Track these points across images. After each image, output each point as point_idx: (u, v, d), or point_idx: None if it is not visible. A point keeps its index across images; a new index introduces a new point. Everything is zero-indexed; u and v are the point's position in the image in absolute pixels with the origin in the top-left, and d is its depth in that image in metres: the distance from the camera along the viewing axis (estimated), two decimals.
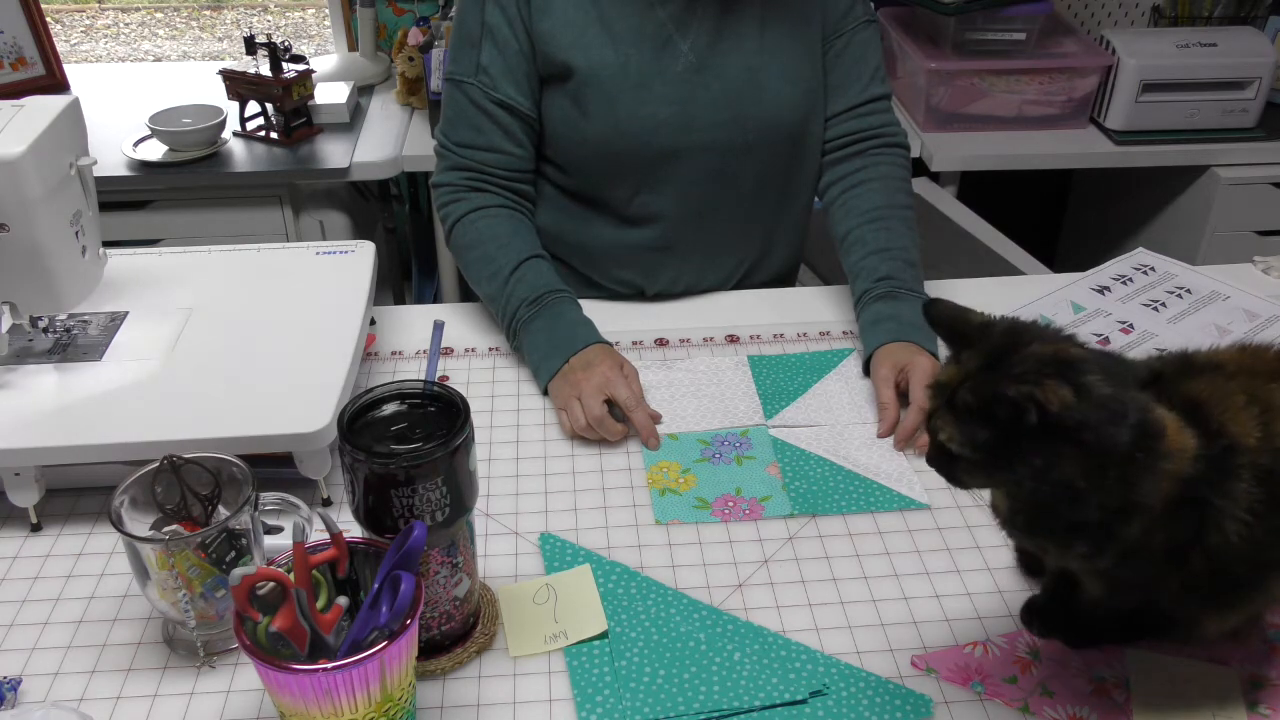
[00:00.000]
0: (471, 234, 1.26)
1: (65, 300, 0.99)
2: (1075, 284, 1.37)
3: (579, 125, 1.25)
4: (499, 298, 1.21)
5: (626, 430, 1.08)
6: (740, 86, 1.25)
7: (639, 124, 1.24)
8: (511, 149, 1.27)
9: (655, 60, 1.23)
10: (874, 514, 0.99)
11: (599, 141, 1.25)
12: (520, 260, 1.22)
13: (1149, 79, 2.18)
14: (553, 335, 1.16)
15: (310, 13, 3.73)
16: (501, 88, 1.24)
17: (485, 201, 1.27)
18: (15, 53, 2.24)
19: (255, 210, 2.07)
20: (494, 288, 1.22)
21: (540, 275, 1.22)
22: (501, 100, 1.24)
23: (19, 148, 0.89)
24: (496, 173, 1.27)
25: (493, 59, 1.23)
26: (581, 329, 1.17)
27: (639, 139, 1.25)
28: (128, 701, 0.80)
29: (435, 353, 1.18)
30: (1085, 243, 2.74)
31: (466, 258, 1.26)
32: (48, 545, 0.95)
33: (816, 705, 0.80)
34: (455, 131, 1.27)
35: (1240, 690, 0.81)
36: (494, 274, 1.22)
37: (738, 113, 1.26)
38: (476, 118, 1.25)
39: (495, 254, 1.23)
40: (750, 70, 1.25)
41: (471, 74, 1.24)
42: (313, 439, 0.93)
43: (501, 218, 1.26)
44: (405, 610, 0.69)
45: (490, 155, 1.27)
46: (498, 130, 1.26)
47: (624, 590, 0.90)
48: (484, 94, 1.24)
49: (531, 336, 1.18)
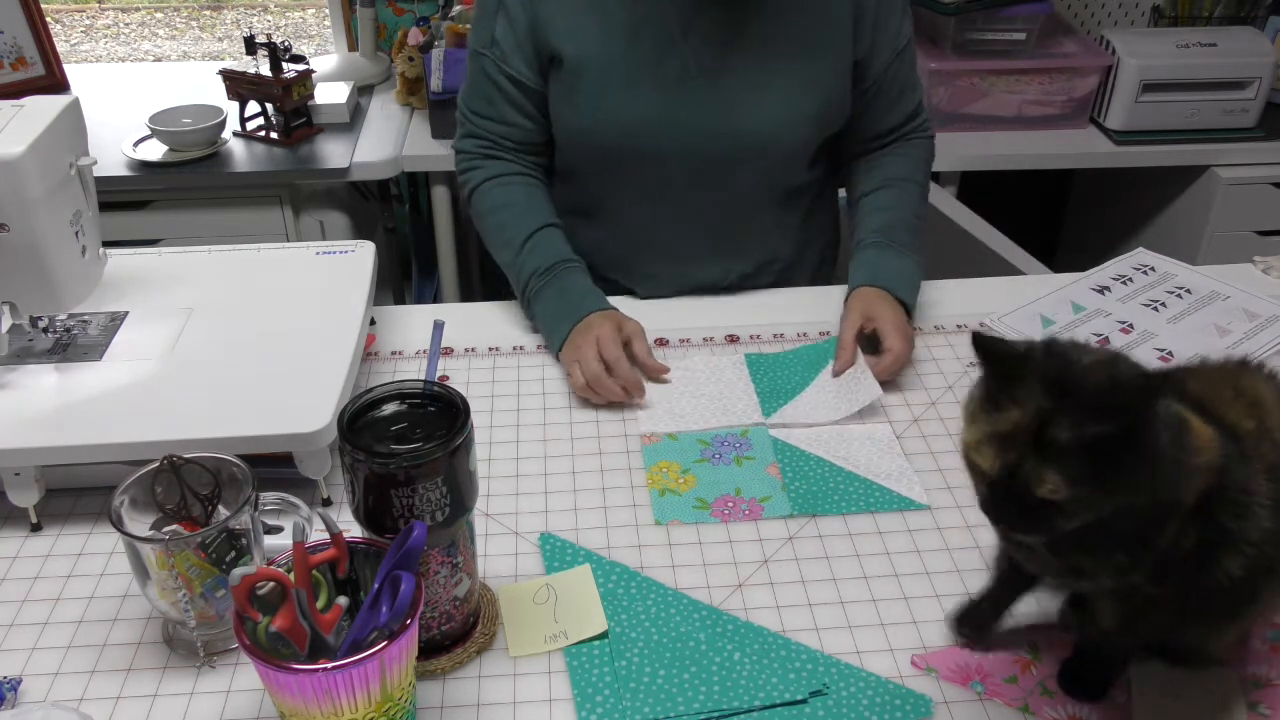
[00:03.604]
0: (487, 201, 1.28)
1: (65, 300, 0.99)
2: (1075, 284, 1.37)
3: (567, 115, 1.26)
4: (513, 266, 1.25)
5: (627, 391, 1.11)
6: (736, 100, 1.23)
7: (624, 124, 1.23)
8: (521, 121, 1.28)
9: (651, 60, 1.21)
10: (874, 514, 0.99)
11: (581, 133, 1.26)
12: (533, 230, 1.24)
13: (1149, 79, 2.18)
14: (561, 304, 1.20)
15: (310, 13, 3.73)
16: (512, 62, 1.25)
17: (501, 169, 1.29)
18: (15, 53, 2.24)
19: (255, 210, 2.07)
20: (508, 256, 1.25)
21: (551, 245, 1.24)
22: (511, 75, 1.25)
23: (19, 148, 0.89)
24: (508, 143, 1.30)
25: (505, 33, 1.24)
26: (589, 297, 1.20)
27: (622, 138, 1.24)
28: (128, 701, 0.80)
29: (435, 353, 1.18)
30: (1085, 243, 2.74)
31: (483, 224, 1.30)
32: (48, 545, 0.95)
33: (816, 705, 0.80)
34: (472, 100, 1.30)
35: (1240, 690, 0.81)
36: (508, 242, 1.25)
37: (728, 125, 1.23)
38: (489, 90, 1.27)
39: (509, 222, 1.26)
40: (751, 84, 1.23)
41: (487, 45, 1.26)
42: (313, 439, 0.93)
43: (516, 185, 1.29)
44: (405, 610, 0.69)
45: (501, 127, 1.29)
46: (507, 103, 1.27)
47: (624, 590, 0.90)
48: (496, 67, 1.25)
49: (543, 305, 1.21)
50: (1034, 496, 0.63)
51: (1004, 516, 0.65)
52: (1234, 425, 0.71)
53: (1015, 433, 0.63)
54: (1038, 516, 0.64)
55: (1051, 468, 0.62)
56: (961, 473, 1.03)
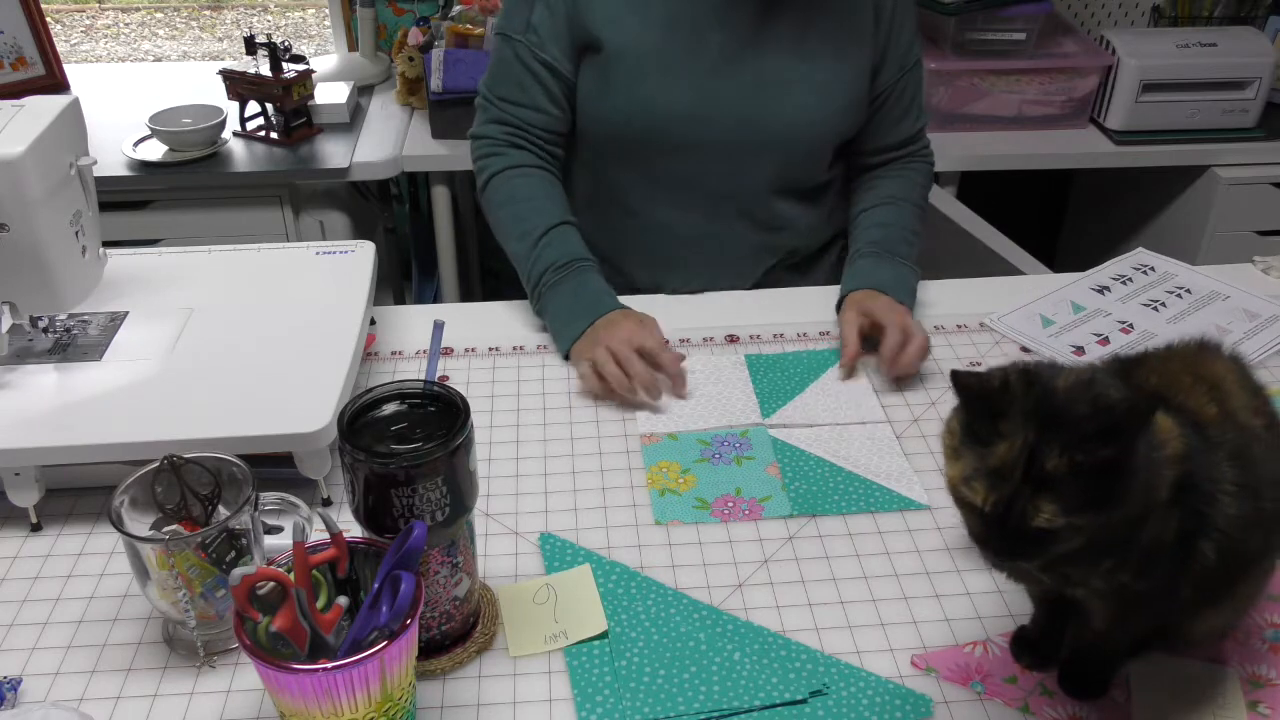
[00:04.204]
0: (506, 190, 1.28)
1: (65, 300, 0.99)
2: (1075, 284, 1.37)
3: (600, 101, 1.27)
4: (526, 258, 1.24)
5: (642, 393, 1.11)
6: (767, 90, 1.26)
7: (657, 112, 1.25)
8: (551, 109, 1.29)
9: (686, 50, 1.24)
10: (874, 514, 0.99)
11: (615, 122, 1.27)
12: (552, 224, 1.25)
13: (1149, 79, 2.18)
14: (577, 301, 1.20)
15: (310, 13, 3.73)
16: (548, 48, 1.25)
17: (523, 160, 1.29)
18: (15, 53, 2.24)
19: (255, 210, 2.07)
20: (523, 247, 1.25)
21: (569, 242, 1.24)
22: (547, 61, 1.26)
23: (19, 148, 0.89)
24: (535, 131, 1.30)
25: (543, 19, 1.25)
26: (606, 297, 1.21)
27: (654, 127, 1.26)
28: (128, 701, 0.80)
29: (435, 353, 1.17)
30: (1085, 243, 2.74)
31: (498, 214, 1.29)
32: (48, 545, 0.95)
33: (816, 705, 0.80)
34: (499, 86, 1.30)
35: (1240, 690, 0.81)
36: (524, 234, 1.25)
37: (759, 116, 1.26)
38: (522, 75, 1.27)
39: (528, 214, 1.26)
40: (781, 76, 1.26)
41: (522, 31, 1.26)
42: (313, 439, 0.93)
43: (536, 178, 1.29)
44: (405, 610, 0.69)
45: (531, 113, 1.29)
46: (540, 90, 1.27)
47: (624, 590, 0.90)
48: (531, 53, 1.26)
49: (556, 300, 1.21)
50: (1030, 526, 0.63)
51: (1002, 549, 0.66)
52: (1196, 412, 0.71)
53: (1005, 466, 0.63)
54: (1034, 544, 0.64)
55: (1046, 498, 0.62)
56: None
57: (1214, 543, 0.70)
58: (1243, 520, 0.70)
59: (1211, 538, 0.70)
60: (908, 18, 1.31)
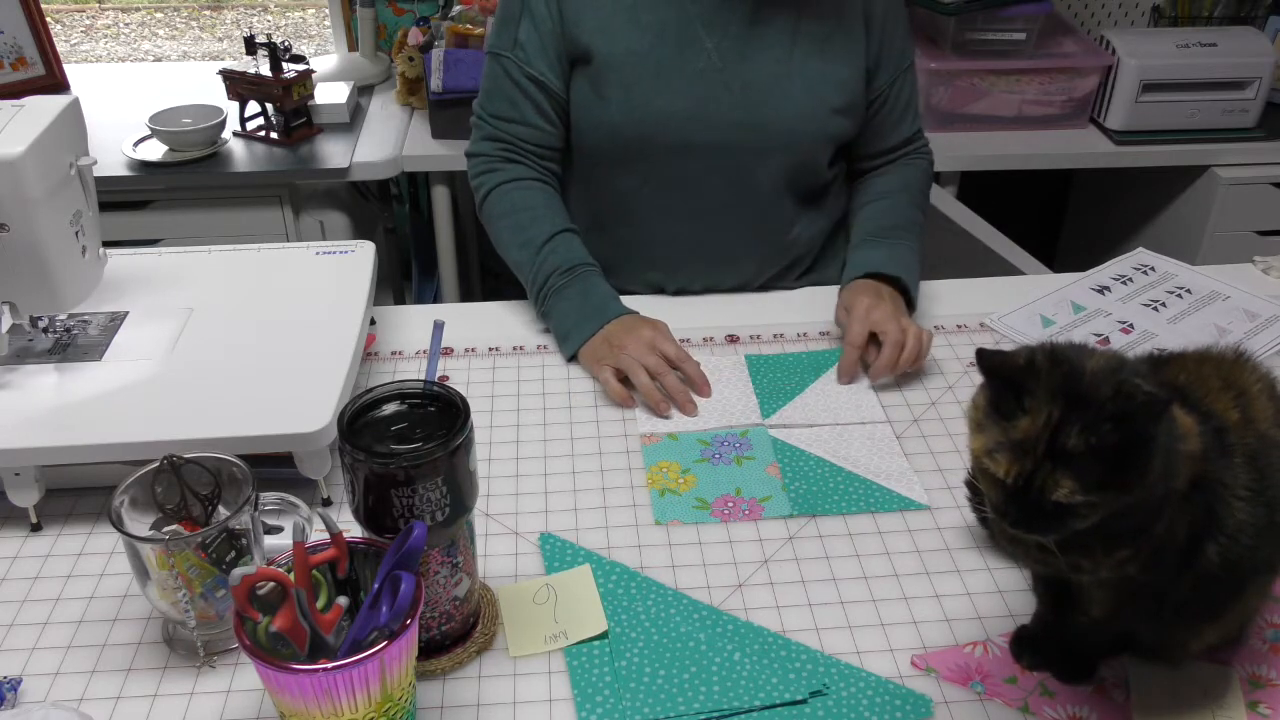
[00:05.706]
0: (505, 203, 1.29)
1: (65, 300, 0.99)
2: (1075, 284, 1.37)
3: (595, 110, 1.27)
4: (529, 265, 1.25)
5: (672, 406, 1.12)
6: (762, 91, 1.26)
7: (654, 114, 1.25)
8: (542, 124, 1.30)
9: (677, 54, 1.24)
10: (874, 514, 0.99)
11: (613, 128, 1.27)
12: (554, 232, 1.25)
13: (1149, 79, 2.18)
14: (585, 304, 1.20)
15: (310, 13, 3.73)
16: (535, 64, 1.26)
17: (520, 173, 1.30)
18: (15, 53, 2.24)
19: (255, 210, 2.07)
20: (525, 255, 1.25)
21: (573, 248, 1.25)
22: (534, 76, 1.26)
23: (19, 148, 0.89)
24: (528, 146, 1.30)
25: (529, 35, 1.26)
26: (613, 301, 1.22)
27: (652, 129, 1.26)
28: (128, 701, 0.80)
29: (435, 353, 1.17)
30: (1085, 243, 2.74)
31: (498, 225, 1.29)
32: (48, 545, 0.95)
33: (816, 705, 0.80)
34: (491, 103, 1.31)
35: (1240, 690, 0.81)
36: (526, 242, 1.25)
37: (756, 117, 1.27)
38: (511, 91, 1.28)
39: (528, 224, 1.26)
40: (774, 77, 1.26)
41: (509, 48, 1.27)
42: (313, 439, 0.93)
43: (535, 189, 1.30)
44: (405, 610, 0.69)
45: (523, 129, 1.30)
46: (530, 105, 1.28)
47: (624, 590, 0.90)
48: (519, 69, 1.27)
49: (563, 304, 1.21)
50: (1049, 500, 0.64)
51: (1020, 520, 0.67)
52: (1218, 415, 0.71)
53: (1028, 440, 0.65)
54: (1052, 518, 0.65)
55: (1066, 473, 0.63)
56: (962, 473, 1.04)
57: (1219, 546, 0.71)
58: (1251, 527, 0.70)
59: (1218, 541, 0.70)
60: (899, 21, 1.32)
